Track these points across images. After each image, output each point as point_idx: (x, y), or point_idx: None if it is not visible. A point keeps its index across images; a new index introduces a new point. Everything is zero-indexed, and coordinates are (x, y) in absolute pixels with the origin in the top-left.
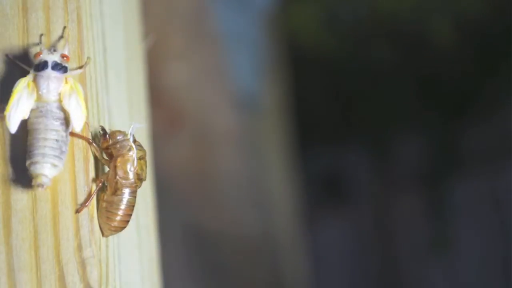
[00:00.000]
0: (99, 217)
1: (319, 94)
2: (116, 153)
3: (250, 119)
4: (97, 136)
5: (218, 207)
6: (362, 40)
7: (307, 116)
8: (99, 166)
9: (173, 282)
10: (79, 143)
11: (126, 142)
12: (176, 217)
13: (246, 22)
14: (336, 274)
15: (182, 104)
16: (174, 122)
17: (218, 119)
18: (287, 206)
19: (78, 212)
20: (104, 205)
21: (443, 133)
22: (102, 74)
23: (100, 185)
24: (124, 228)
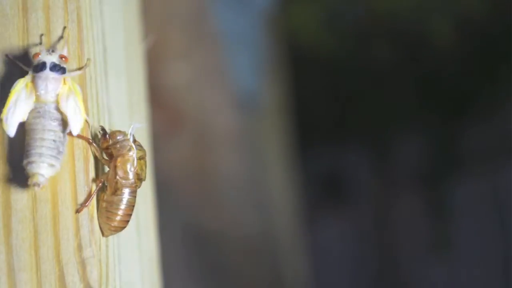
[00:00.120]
0: (99, 217)
1: (319, 94)
2: (116, 153)
3: (250, 119)
4: (97, 136)
5: (218, 207)
6: (362, 40)
7: (307, 116)
8: (99, 166)
9: (173, 282)
10: (79, 143)
11: (126, 142)
12: (176, 217)
13: (246, 22)
14: (336, 274)
15: (182, 104)
16: (174, 122)
17: (218, 119)
18: (287, 206)
19: (78, 212)
20: (104, 205)
21: (443, 133)
22: (102, 74)
23: (100, 185)
24: (124, 228)
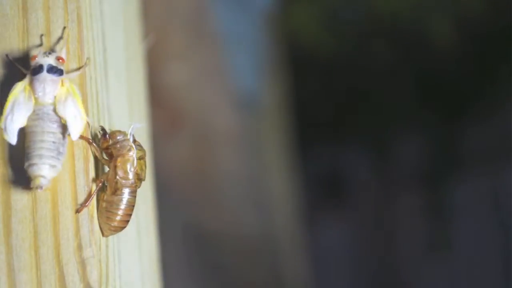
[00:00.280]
0: (99, 217)
1: (319, 94)
2: (116, 153)
3: (250, 119)
4: (97, 136)
5: (218, 207)
6: (362, 40)
7: (307, 116)
8: (99, 166)
9: (173, 282)
10: (79, 143)
11: (126, 142)
12: (176, 217)
13: (246, 22)
14: (336, 274)
15: (182, 104)
16: (174, 122)
17: (218, 119)
18: (287, 206)
19: (78, 212)
20: (104, 205)
21: (443, 133)
22: (102, 74)
23: (100, 185)
24: (124, 228)
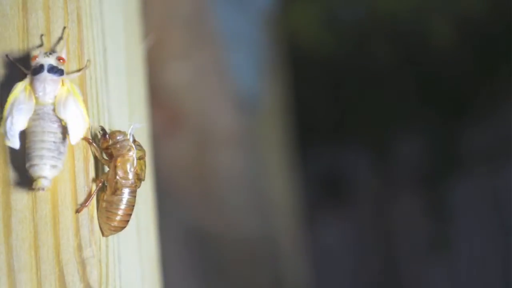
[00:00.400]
0: (99, 217)
1: (319, 94)
2: (116, 153)
3: (250, 119)
4: (97, 136)
5: (218, 207)
6: (362, 40)
7: (307, 116)
8: (99, 166)
9: (173, 282)
10: (79, 143)
11: (126, 142)
12: (176, 217)
13: (246, 22)
14: (336, 274)
15: (182, 104)
16: (174, 122)
17: (218, 119)
18: (287, 207)
19: (78, 212)
20: (104, 205)
21: (443, 133)
22: (102, 74)
23: (100, 185)
24: (124, 228)
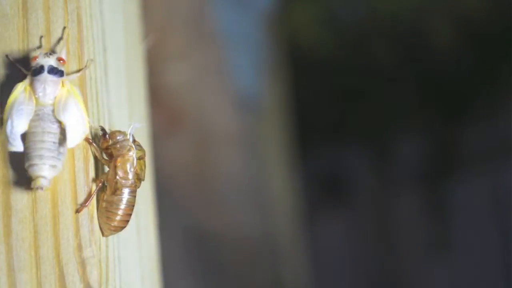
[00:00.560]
0: (99, 217)
1: (319, 94)
2: (116, 153)
3: (250, 119)
4: (97, 136)
5: (218, 207)
6: (362, 40)
7: (307, 116)
8: (99, 166)
9: (173, 282)
10: (79, 143)
11: (126, 142)
12: (176, 217)
13: (246, 22)
14: (336, 274)
15: (182, 104)
16: (174, 122)
17: (218, 119)
18: (287, 206)
19: (78, 212)
20: (104, 205)
21: (443, 133)
22: (102, 74)
23: (100, 185)
24: (124, 228)
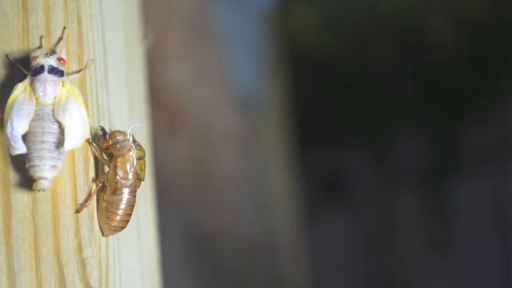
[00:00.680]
0: (99, 217)
1: (319, 94)
2: (116, 153)
3: (250, 119)
4: (97, 136)
5: (218, 207)
6: (362, 40)
7: (307, 116)
8: (99, 166)
9: (173, 282)
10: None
11: (126, 142)
12: (176, 217)
13: (246, 22)
14: (335, 274)
15: (182, 104)
16: (174, 122)
17: (218, 119)
18: (287, 206)
19: (78, 212)
20: (104, 205)
21: (443, 133)
22: (102, 74)
23: (100, 185)
24: (124, 227)
